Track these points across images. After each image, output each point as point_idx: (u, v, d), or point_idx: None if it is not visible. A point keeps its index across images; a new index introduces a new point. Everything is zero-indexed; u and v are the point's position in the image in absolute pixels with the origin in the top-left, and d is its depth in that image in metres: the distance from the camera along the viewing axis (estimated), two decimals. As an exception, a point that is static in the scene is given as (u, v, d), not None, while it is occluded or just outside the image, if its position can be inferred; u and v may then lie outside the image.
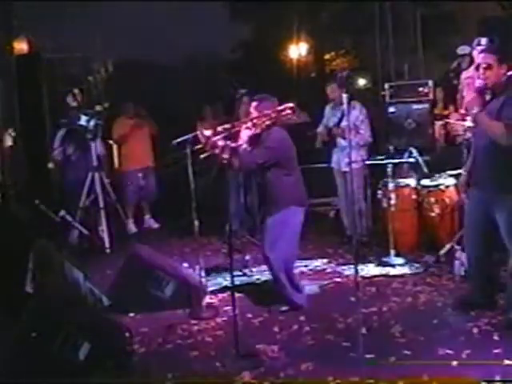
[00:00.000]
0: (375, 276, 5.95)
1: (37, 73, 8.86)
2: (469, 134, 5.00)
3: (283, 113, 5.18)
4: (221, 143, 4.92)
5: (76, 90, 8.40)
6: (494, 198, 4.50)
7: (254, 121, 5.12)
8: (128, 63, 15.62)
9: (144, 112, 8.88)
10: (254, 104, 5.25)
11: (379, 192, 6.73)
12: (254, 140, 5.10)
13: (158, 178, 8.90)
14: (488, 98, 4.55)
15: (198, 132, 5.15)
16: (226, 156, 4.95)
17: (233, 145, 4.99)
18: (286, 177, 5.12)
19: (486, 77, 4.47)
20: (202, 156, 5.10)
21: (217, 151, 4.96)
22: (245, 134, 5.08)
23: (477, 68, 4.60)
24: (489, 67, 4.46)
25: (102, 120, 7.86)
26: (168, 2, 16.76)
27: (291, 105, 5.18)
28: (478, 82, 4.55)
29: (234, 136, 5.09)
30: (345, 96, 3.78)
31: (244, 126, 5.12)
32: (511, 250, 4.49)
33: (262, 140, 5.10)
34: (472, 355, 4.03)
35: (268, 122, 5.12)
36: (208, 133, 4.97)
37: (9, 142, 8.25)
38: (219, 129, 5.01)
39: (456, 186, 6.10)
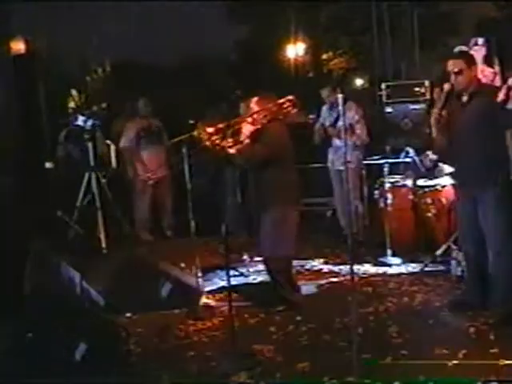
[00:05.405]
0: (372, 276, 5.96)
1: (34, 73, 8.85)
2: None
3: (284, 106, 5.18)
4: (223, 140, 4.93)
5: (74, 92, 8.40)
6: (475, 194, 4.54)
7: (255, 116, 5.12)
8: (125, 64, 15.61)
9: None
10: (254, 99, 5.26)
11: (376, 192, 6.74)
12: (255, 135, 5.10)
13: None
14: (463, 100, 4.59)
15: (199, 130, 5.13)
16: (228, 152, 4.96)
17: (234, 141, 5.00)
18: (283, 175, 5.11)
19: (458, 82, 4.51)
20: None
21: (219, 148, 4.97)
22: (246, 129, 5.09)
23: (449, 75, 4.60)
24: (460, 72, 4.49)
25: (99, 120, 7.84)
26: (165, 3, 16.78)
27: (291, 97, 5.18)
28: (446, 87, 4.56)
29: (235, 132, 5.09)
30: (340, 96, 3.77)
31: (245, 121, 5.12)
32: (489, 245, 4.51)
33: (262, 136, 5.10)
34: (468, 355, 4.03)
35: (269, 117, 5.13)
36: (210, 130, 4.98)
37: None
38: (221, 125, 5.01)
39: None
